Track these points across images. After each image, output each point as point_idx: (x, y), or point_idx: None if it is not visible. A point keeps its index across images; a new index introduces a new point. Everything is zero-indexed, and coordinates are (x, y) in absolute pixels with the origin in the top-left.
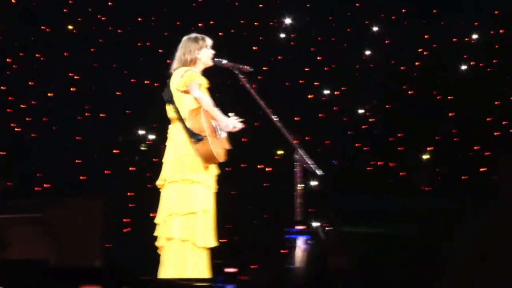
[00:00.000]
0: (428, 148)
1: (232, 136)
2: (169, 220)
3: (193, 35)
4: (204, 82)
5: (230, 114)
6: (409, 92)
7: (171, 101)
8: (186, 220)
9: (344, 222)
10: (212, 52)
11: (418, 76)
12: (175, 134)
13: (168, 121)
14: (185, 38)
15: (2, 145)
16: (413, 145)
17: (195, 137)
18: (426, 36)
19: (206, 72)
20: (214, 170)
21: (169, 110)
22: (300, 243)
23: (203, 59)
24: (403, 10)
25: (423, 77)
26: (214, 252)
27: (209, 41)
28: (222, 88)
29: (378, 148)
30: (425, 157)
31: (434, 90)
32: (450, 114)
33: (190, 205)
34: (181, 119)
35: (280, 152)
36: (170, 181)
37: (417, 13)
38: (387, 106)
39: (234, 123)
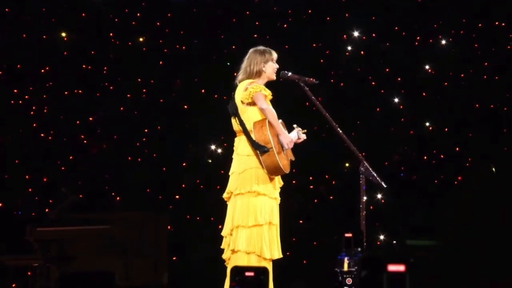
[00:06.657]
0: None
1: (298, 149)
2: (235, 233)
3: (261, 47)
4: (269, 94)
5: (294, 125)
6: (476, 106)
7: (236, 114)
8: (251, 232)
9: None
10: (277, 66)
11: (484, 90)
12: (240, 146)
13: (234, 134)
14: (252, 49)
15: (70, 157)
16: (481, 158)
17: (260, 149)
18: (493, 49)
19: (270, 85)
20: (279, 182)
21: (234, 123)
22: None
23: (267, 72)
24: (479, 25)
25: (490, 90)
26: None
27: (275, 55)
28: (287, 100)
29: (444, 161)
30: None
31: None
32: None
33: (256, 217)
34: (246, 132)
35: (346, 164)
36: (236, 194)
37: (487, 26)
38: (454, 118)
39: (297, 135)
